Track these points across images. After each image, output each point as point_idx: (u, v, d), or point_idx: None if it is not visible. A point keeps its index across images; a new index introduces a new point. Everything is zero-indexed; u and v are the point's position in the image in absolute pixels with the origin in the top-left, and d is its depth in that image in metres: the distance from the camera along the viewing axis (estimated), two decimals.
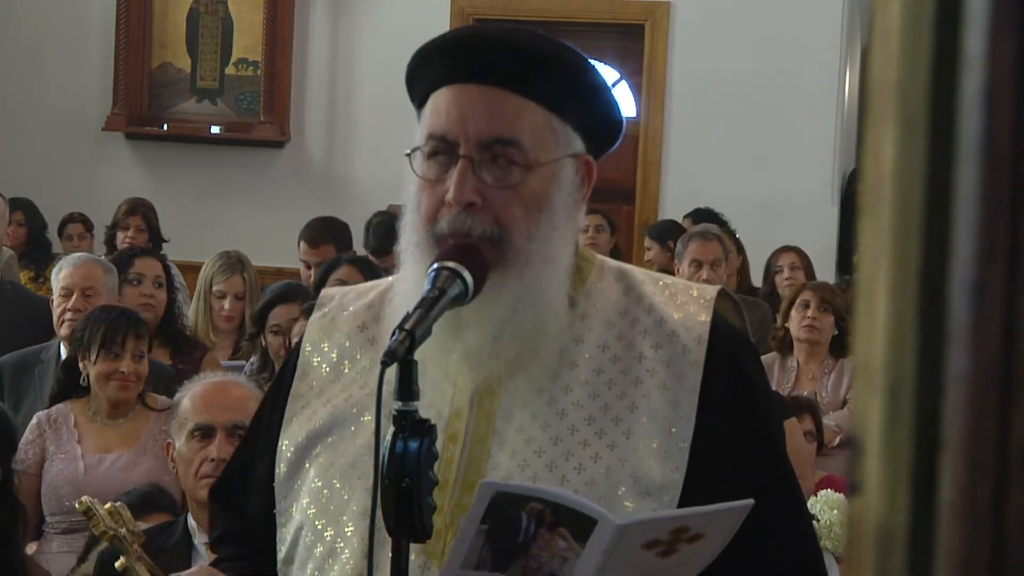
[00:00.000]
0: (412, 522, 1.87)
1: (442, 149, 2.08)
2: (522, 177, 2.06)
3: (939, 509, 0.86)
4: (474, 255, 2.03)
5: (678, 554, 1.85)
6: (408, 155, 2.11)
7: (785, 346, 6.93)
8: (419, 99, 2.15)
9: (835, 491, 4.84)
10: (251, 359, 6.13)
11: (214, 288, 6.69)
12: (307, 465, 2.14)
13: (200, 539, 3.82)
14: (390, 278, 2.29)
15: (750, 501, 1.89)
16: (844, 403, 6.76)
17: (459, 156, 2.06)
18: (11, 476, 4.22)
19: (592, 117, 2.15)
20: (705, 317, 2.14)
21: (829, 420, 6.39)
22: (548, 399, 2.09)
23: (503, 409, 2.10)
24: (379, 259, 7.66)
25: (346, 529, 2.07)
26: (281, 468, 2.16)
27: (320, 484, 2.12)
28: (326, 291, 2.33)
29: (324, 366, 2.21)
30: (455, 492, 2.07)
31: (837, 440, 6.33)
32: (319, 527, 2.10)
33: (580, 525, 1.82)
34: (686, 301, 2.16)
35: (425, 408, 2.05)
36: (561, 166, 2.10)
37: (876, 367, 0.90)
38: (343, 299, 2.27)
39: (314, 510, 2.11)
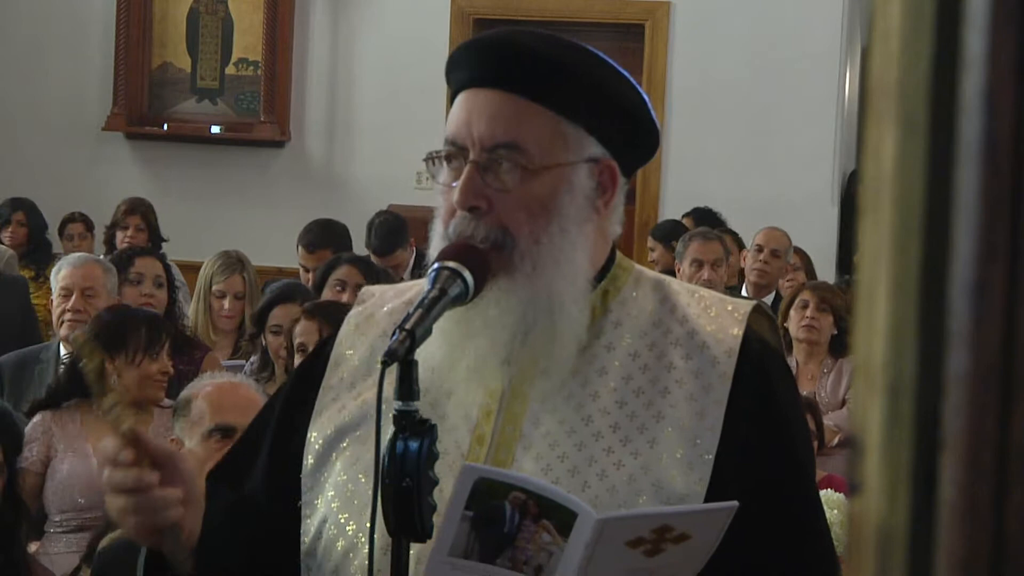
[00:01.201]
0: (412, 522, 1.88)
1: (455, 154, 2.09)
2: (524, 181, 2.06)
3: (939, 509, 0.86)
4: (475, 254, 2.03)
5: (664, 554, 1.84)
6: (429, 160, 2.12)
7: (784, 346, 6.93)
8: (452, 102, 2.18)
9: (835, 491, 4.83)
10: (251, 359, 6.13)
11: (214, 288, 6.69)
12: (334, 458, 2.15)
13: None
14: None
15: (734, 503, 1.88)
16: (843, 403, 6.76)
17: (467, 160, 2.07)
18: (16, 476, 4.22)
19: (608, 119, 2.13)
20: (738, 331, 2.13)
21: (828, 420, 6.39)
22: (575, 405, 2.09)
23: (530, 413, 2.10)
24: (381, 259, 7.65)
25: (368, 524, 2.07)
26: (309, 460, 2.16)
27: (345, 478, 2.12)
28: (367, 288, 2.35)
29: (356, 360, 2.21)
30: None
31: (837, 440, 6.33)
32: (342, 521, 2.10)
33: (562, 518, 1.82)
34: (720, 314, 2.15)
35: (454, 407, 2.05)
36: (572, 170, 2.09)
37: (876, 367, 0.90)
38: (382, 296, 2.28)
39: (338, 504, 2.11)
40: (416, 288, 2.26)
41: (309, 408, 2.21)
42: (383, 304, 2.25)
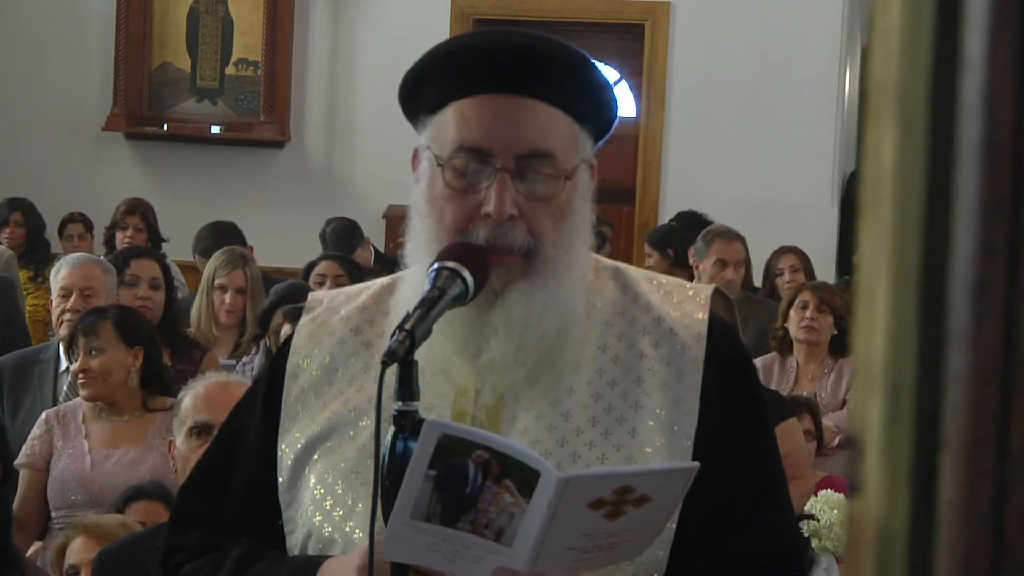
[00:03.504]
0: None
1: (472, 159, 2.05)
2: (557, 189, 2.06)
3: (939, 509, 0.86)
4: (475, 255, 2.03)
5: (625, 517, 1.84)
6: (440, 164, 2.07)
7: (784, 346, 6.93)
8: (430, 106, 2.11)
9: (835, 491, 4.84)
10: (243, 358, 6.14)
11: (216, 282, 6.69)
12: (307, 472, 2.13)
13: None
14: (380, 280, 2.27)
15: (695, 464, 1.89)
16: (844, 403, 6.75)
17: (494, 168, 2.03)
18: (10, 478, 4.23)
19: (601, 119, 2.15)
20: (702, 315, 2.15)
21: (828, 420, 6.39)
22: (552, 401, 2.09)
23: (508, 411, 2.10)
24: None
25: (354, 535, 2.06)
26: (283, 477, 2.15)
27: (323, 491, 2.11)
28: (313, 295, 2.31)
29: (316, 370, 2.19)
30: None
31: (837, 440, 6.33)
32: (326, 534, 2.09)
33: (525, 478, 1.81)
34: (682, 299, 2.17)
35: (425, 410, 2.05)
36: (580, 172, 2.10)
37: (876, 367, 0.90)
38: (332, 302, 2.24)
39: (319, 517, 2.10)
40: (369, 292, 2.24)
41: (275, 424, 2.18)
42: (335, 311, 2.22)
